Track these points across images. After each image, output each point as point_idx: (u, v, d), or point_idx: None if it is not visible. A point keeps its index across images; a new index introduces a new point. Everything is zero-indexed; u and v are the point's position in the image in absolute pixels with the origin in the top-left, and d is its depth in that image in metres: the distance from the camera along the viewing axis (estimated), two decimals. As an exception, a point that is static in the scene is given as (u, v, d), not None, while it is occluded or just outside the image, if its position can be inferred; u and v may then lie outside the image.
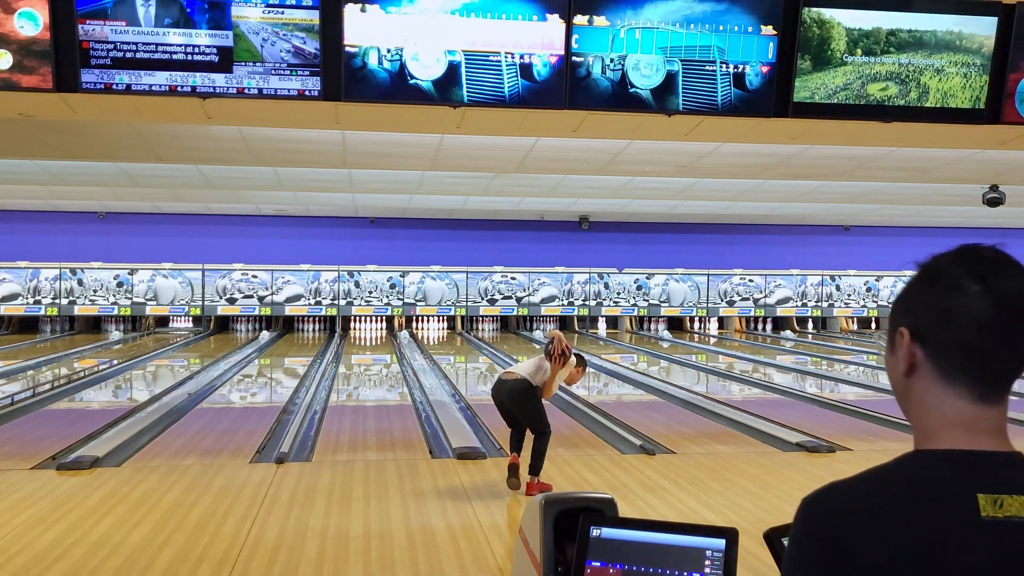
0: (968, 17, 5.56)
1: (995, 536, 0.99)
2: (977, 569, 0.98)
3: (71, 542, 4.46)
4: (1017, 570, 0.98)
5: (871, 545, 0.99)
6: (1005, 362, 1.05)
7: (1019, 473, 1.03)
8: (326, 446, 7.03)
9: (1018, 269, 1.07)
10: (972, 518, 0.99)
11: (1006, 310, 1.04)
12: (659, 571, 1.82)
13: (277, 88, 5.09)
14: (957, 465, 1.03)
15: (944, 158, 9.81)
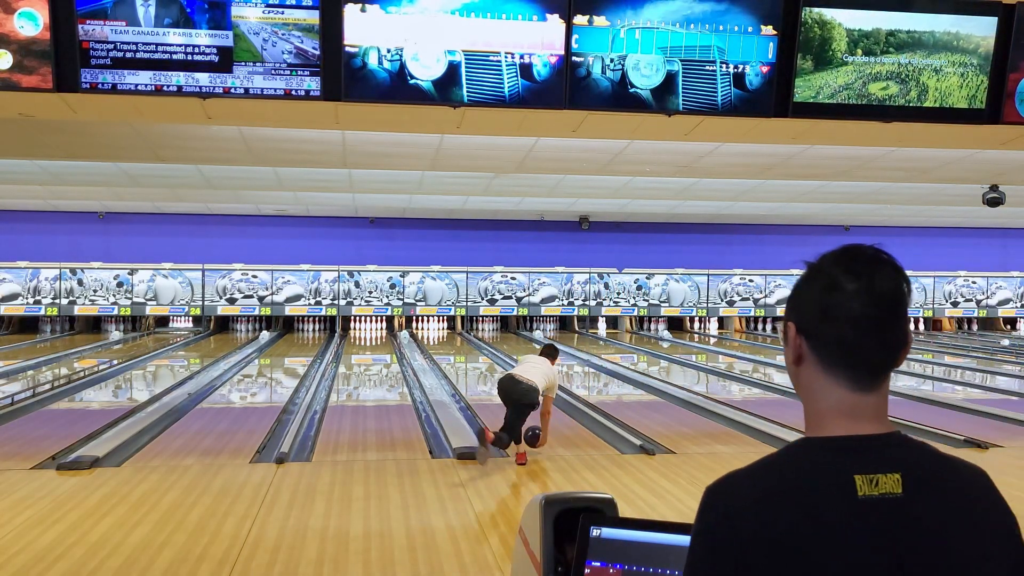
0: (968, 17, 5.56)
1: (870, 513, 1.09)
2: (854, 546, 1.08)
3: (71, 542, 4.46)
4: (891, 542, 1.08)
5: (761, 532, 1.09)
6: (879, 354, 1.16)
7: (894, 452, 1.13)
8: (326, 446, 7.03)
9: (893, 268, 1.22)
10: (850, 499, 1.09)
11: (879, 307, 1.16)
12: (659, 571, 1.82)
13: (277, 88, 5.09)
14: (837, 450, 1.14)
15: (944, 158, 9.81)
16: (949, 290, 21.53)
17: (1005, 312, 21.87)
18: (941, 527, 1.11)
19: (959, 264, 21.59)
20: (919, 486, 1.12)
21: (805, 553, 1.08)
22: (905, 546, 1.09)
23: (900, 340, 1.19)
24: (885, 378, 1.18)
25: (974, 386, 11.48)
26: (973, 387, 11.42)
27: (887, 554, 1.09)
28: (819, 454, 1.15)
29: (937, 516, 1.11)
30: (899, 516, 1.10)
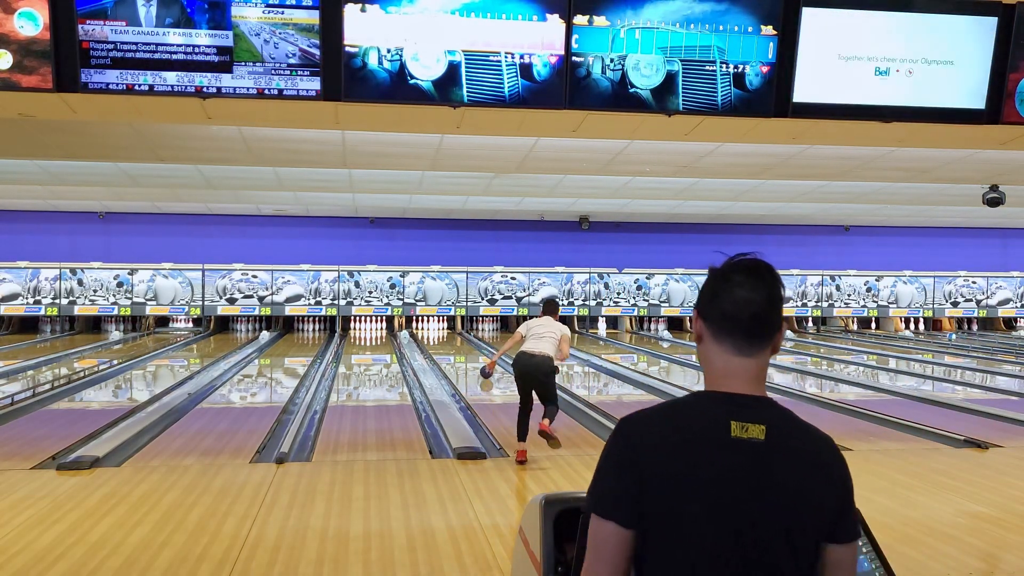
0: (968, 17, 5.56)
1: (739, 449, 1.46)
2: (725, 472, 1.46)
3: (71, 542, 4.46)
4: (750, 473, 1.46)
5: (655, 460, 1.47)
6: (754, 327, 1.52)
7: (764, 411, 1.50)
8: (326, 446, 7.03)
9: (770, 271, 1.56)
10: (725, 437, 1.47)
11: (756, 292, 1.53)
12: (659, 571, 1.81)
13: (277, 88, 5.09)
14: (721, 402, 1.51)
15: (944, 158, 9.81)
16: (949, 290, 21.54)
17: (1005, 312, 21.87)
18: (789, 468, 1.47)
19: (959, 264, 21.60)
20: (778, 437, 1.48)
21: (686, 473, 1.46)
22: (760, 477, 1.46)
23: (773, 322, 1.54)
24: (762, 350, 1.53)
25: (974, 386, 11.48)
26: (973, 387, 11.42)
27: (745, 482, 1.46)
28: (707, 403, 1.52)
29: (787, 460, 1.48)
30: (759, 455, 1.46)
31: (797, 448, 1.50)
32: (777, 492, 1.46)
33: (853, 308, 21.20)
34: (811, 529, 1.48)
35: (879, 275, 21.28)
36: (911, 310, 21.49)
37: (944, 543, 4.53)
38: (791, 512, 1.47)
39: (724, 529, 1.45)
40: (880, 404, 9.32)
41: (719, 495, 1.45)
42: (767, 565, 1.46)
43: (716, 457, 1.46)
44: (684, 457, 1.47)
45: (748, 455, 1.46)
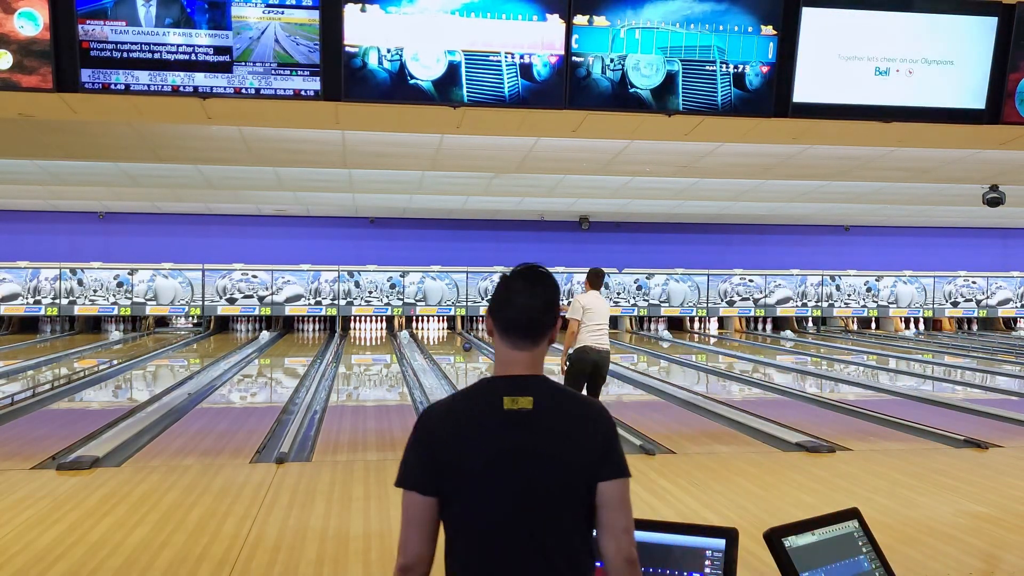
0: (968, 17, 5.56)
1: (510, 418, 1.80)
2: (497, 437, 1.79)
3: (71, 542, 4.46)
4: (520, 435, 1.79)
5: (444, 436, 1.82)
6: (525, 328, 1.88)
7: (531, 386, 1.84)
8: (326, 446, 7.02)
9: (547, 279, 1.96)
10: (499, 409, 1.80)
11: (532, 298, 1.89)
12: (659, 571, 1.82)
13: (277, 88, 5.09)
14: (499, 382, 1.85)
15: (944, 158, 9.81)
16: (949, 290, 21.54)
17: (1005, 312, 21.87)
18: (553, 427, 1.82)
19: (959, 264, 21.60)
20: (543, 405, 1.82)
21: (469, 442, 1.80)
22: (529, 438, 1.79)
23: (547, 323, 1.91)
24: (537, 345, 1.89)
25: (974, 386, 11.48)
26: (973, 387, 11.42)
27: (518, 443, 1.79)
28: (488, 385, 1.87)
29: (551, 421, 1.82)
30: (528, 421, 1.80)
31: (560, 411, 1.85)
32: (545, 447, 1.79)
33: (853, 308, 21.19)
34: (578, 473, 1.80)
35: (879, 275, 21.28)
36: (911, 310, 21.49)
37: (944, 543, 4.53)
38: (558, 462, 1.80)
39: (504, 483, 1.77)
40: (880, 404, 9.31)
41: (496, 457, 1.78)
42: (544, 509, 1.77)
43: (491, 426, 1.80)
44: (466, 430, 1.81)
45: (518, 422, 1.79)
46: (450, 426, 1.83)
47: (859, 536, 1.86)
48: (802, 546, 1.77)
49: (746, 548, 1.98)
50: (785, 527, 1.78)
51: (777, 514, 4.91)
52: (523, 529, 1.77)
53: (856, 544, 1.85)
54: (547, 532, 1.77)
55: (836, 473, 6.11)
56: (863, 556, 1.85)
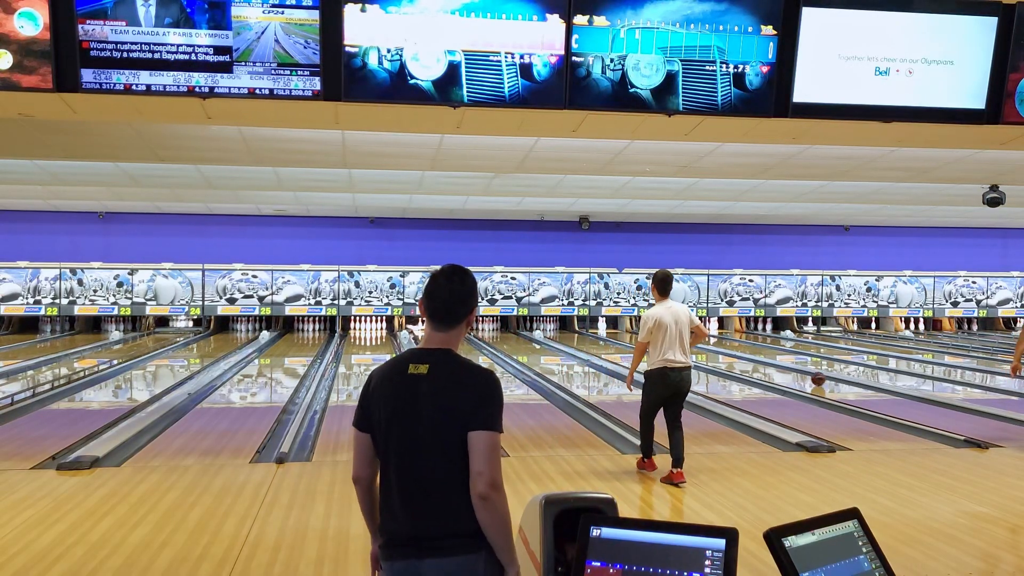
0: (968, 17, 5.56)
1: (409, 379, 2.31)
2: (399, 394, 2.31)
3: (71, 542, 4.46)
4: (415, 392, 2.30)
5: (373, 389, 2.36)
6: (445, 315, 2.38)
7: (433, 357, 2.34)
8: (326, 446, 7.02)
9: (458, 275, 2.49)
10: (404, 373, 2.33)
11: (448, 289, 2.42)
12: (659, 571, 1.82)
13: (277, 88, 5.09)
14: (413, 353, 2.37)
15: (944, 158, 9.81)
16: (949, 290, 21.54)
17: (1005, 312, 21.88)
18: (438, 387, 2.29)
19: (959, 264, 21.60)
20: (436, 370, 2.31)
21: (381, 394, 2.34)
22: (419, 395, 2.29)
23: (459, 311, 2.39)
24: (448, 327, 2.37)
25: (974, 386, 11.48)
26: (973, 387, 11.42)
27: (410, 398, 2.29)
28: (407, 355, 2.38)
29: (438, 383, 2.29)
30: (422, 381, 2.30)
31: (447, 375, 2.31)
32: (429, 402, 2.28)
33: (853, 308, 21.20)
34: (453, 424, 2.25)
35: (879, 275, 21.28)
36: (911, 310, 21.50)
37: (944, 543, 4.53)
38: (438, 414, 2.26)
39: (397, 429, 2.30)
40: (880, 404, 9.32)
41: (395, 407, 2.31)
42: (422, 452, 2.27)
43: (397, 384, 2.33)
44: (382, 386, 2.35)
45: (414, 381, 2.31)
46: (376, 382, 2.38)
47: (859, 536, 1.86)
48: (802, 546, 1.77)
49: (746, 548, 1.98)
50: (785, 527, 1.77)
51: (777, 514, 4.91)
52: (408, 467, 2.29)
53: (856, 544, 1.85)
54: (425, 472, 2.27)
55: (836, 473, 6.11)
56: (863, 556, 1.85)
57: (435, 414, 2.27)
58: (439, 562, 2.25)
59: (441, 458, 2.26)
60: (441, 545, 2.25)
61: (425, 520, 2.27)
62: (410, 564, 2.27)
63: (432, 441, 2.27)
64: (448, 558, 2.25)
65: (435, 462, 2.27)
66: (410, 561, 2.27)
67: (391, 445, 2.31)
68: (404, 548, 2.29)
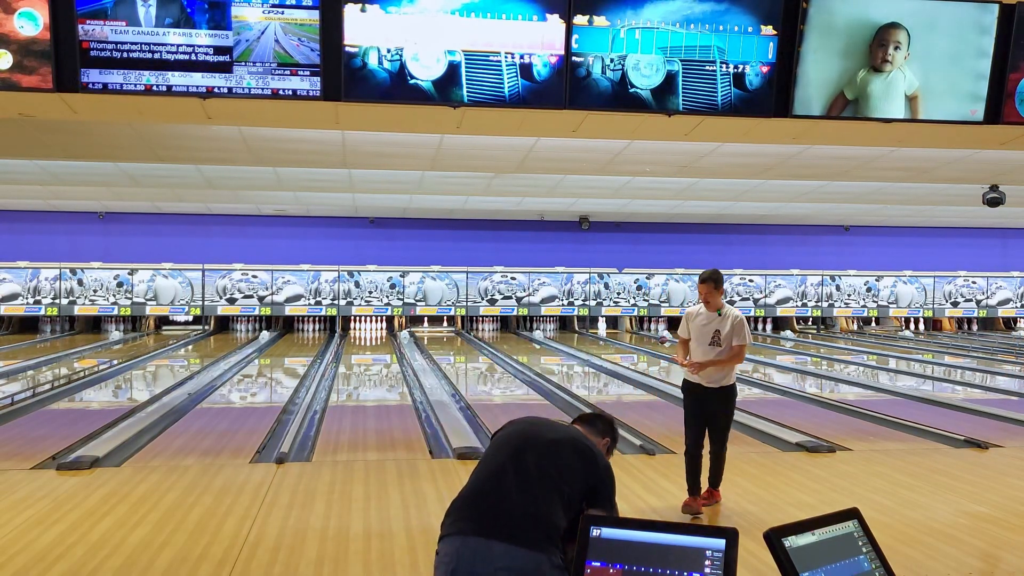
0: (968, 16, 5.56)
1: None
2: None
3: (71, 542, 4.46)
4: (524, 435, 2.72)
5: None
6: None
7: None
8: (326, 446, 7.02)
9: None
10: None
11: None
12: (659, 571, 1.82)
13: (277, 88, 5.09)
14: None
15: (944, 158, 9.81)
16: (949, 290, 21.54)
17: (1005, 312, 21.88)
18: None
19: (959, 264, 21.60)
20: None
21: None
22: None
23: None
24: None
25: (974, 386, 11.48)
26: (973, 387, 11.42)
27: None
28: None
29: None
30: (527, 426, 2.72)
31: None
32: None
33: (853, 308, 21.20)
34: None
35: (879, 275, 21.28)
36: (911, 310, 21.50)
37: (944, 543, 4.53)
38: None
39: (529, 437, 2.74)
40: (880, 404, 9.31)
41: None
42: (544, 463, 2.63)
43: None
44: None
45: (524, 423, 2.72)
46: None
47: (859, 536, 1.86)
48: (802, 546, 1.77)
49: (746, 548, 1.98)
50: (785, 527, 1.77)
51: (777, 514, 4.91)
52: (523, 458, 2.65)
53: (856, 544, 1.85)
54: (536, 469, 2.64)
55: (836, 473, 6.11)
56: (863, 556, 1.85)
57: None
58: (510, 548, 2.39)
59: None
60: (521, 534, 2.42)
61: (518, 501, 2.49)
62: (480, 542, 2.43)
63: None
64: (522, 548, 2.39)
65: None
66: (480, 539, 2.43)
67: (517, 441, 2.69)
68: (480, 525, 2.48)
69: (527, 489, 2.50)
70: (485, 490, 2.56)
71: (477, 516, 2.49)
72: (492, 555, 2.38)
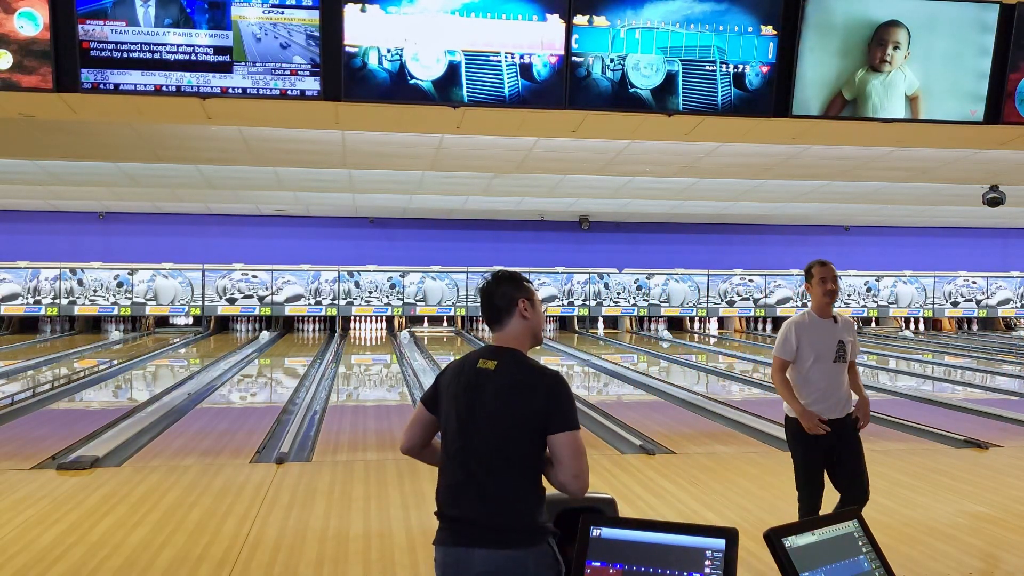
0: (968, 16, 5.56)
1: (478, 372, 2.42)
2: (470, 385, 2.42)
3: (71, 542, 4.46)
4: (483, 386, 2.40)
5: (444, 378, 2.53)
6: (485, 314, 2.53)
7: (500, 355, 2.44)
8: (326, 446, 7.03)
9: (496, 280, 2.52)
10: (474, 367, 2.44)
11: (487, 294, 2.52)
12: (659, 571, 1.81)
13: (277, 88, 5.09)
14: (482, 350, 2.49)
15: (944, 158, 9.81)
16: (949, 290, 21.54)
17: (1005, 312, 21.88)
18: (505, 386, 2.38)
19: (959, 264, 21.60)
20: (502, 368, 2.41)
21: (452, 385, 2.47)
22: (487, 391, 2.39)
23: (500, 308, 2.50)
24: (500, 326, 2.50)
25: (974, 386, 11.48)
26: (973, 387, 11.42)
27: (478, 392, 2.40)
28: (477, 351, 2.51)
29: (506, 381, 2.38)
30: (490, 376, 2.41)
31: (515, 373, 2.40)
32: (497, 400, 2.36)
33: (853, 308, 21.20)
34: (523, 423, 2.33)
35: (879, 275, 21.28)
36: (911, 310, 21.50)
37: (944, 543, 4.53)
38: (506, 412, 2.35)
39: (464, 418, 2.40)
40: (880, 404, 9.31)
41: (464, 399, 2.42)
42: (484, 448, 2.36)
43: (466, 376, 2.44)
44: (454, 376, 2.48)
45: (483, 377, 2.41)
46: (449, 372, 2.53)
47: (859, 536, 1.86)
48: (802, 546, 1.77)
49: (746, 548, 1.98)
50: (785, 527, 1.78)
51: (777, 514, 4.91)
52: (468, 459, 2.38)
53: (856, 544, 1.85)
54: (484, 466, 2.35)
55: (836, 473, 6.10)
56: (863, 556, 1.85)
57: (504, 410, 2.36)
58: (489, 553, 2.30)
59: (500, 459, 2.35)
60: (493, 537, 2.31)
61: (481, 510, 2.34)
62: (460, 551, 2.34)
63: (497, 435, 2.35)
64: (499, 551, 2.30)
65: (493, 462, 2.35)
66: (460, 549, 2.34)
67: (450, 436, 2.43)
68: (456, 536, 2.37)
69: (487, 493, 2.35)
70: (451, 500, 2.42)
71: (452, 526, 2.40)
72: (472, 562, 2.33)
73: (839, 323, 4.28)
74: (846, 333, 4.25)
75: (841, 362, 4.18)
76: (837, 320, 4.30)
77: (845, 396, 4.17)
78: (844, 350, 4.19)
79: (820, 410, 4.08)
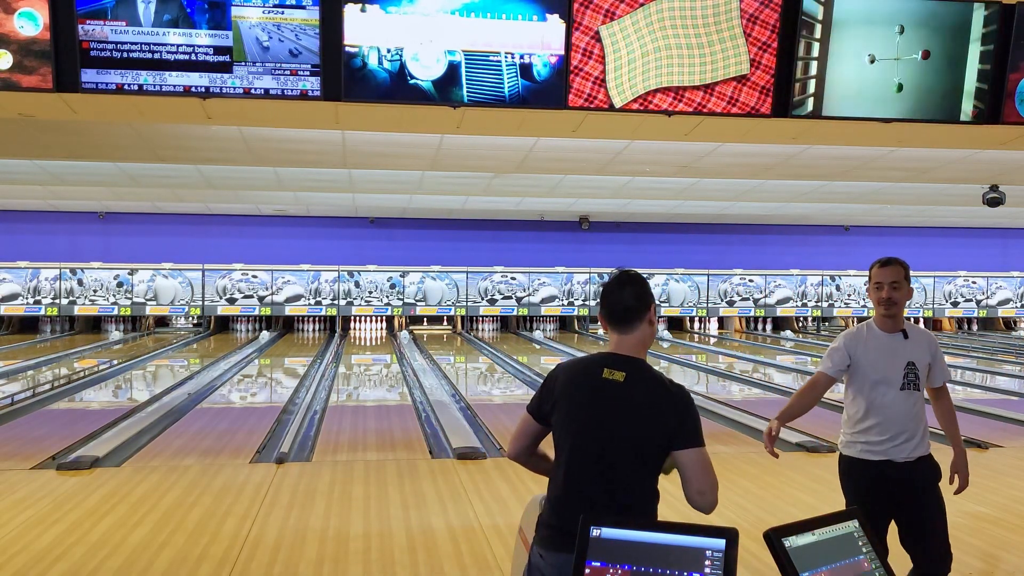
0: (967, 16, 5.55)
1: (605, 383, 2.33)
2: (594, 397, 2.34)
3: (71, 542, 4.46)
4: (612, 399, 2.31)
5: (559, 386, 2.41)
6: (623, 318, 2.39)
7: (627, 365, 2.34)
8: (326, 446, 7.03)
9: (626, 278, 2.41)
10: (599, 376, 2.35)
11: (613, 294, 2.40)
12: (659, 571, 1.81)
13: (277, 88, 5.09)
14: (604, 357, 2.39)
15: (944, 158, 9.81)
16: (949, 290, 21.54)
17: (1005, 312, 21.88)
18: (637, 399, 2.31)
19: (959, 264, 21.60)
20: (633, 380, 2.32)
21: (572, 395, 2.38)
22: (616, 403, 2.31)
23: (637, 311, 2.39)
24: (629, 329, 2.39)
25: (974, 386, 11.48)
26: (973, 387, 11.42)
27: (606, 405, 2.32)
28: (599, 358, 2.40)
29: (636, 394, 2.31)
30: (618, 390, 2.32)
31: (645, 388, 2.32)
32: (628, 415, 2.31)
33: (853, 308, 21.20)
34: (653, 439, 2.30)
35: (879, 275, 21.24)
36: (911, 310, 21.49)
37: (944, 543, 4.52)
38: (636, 427, 2.30)
39: (590, 433, 2.33)
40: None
41: (589, 411, 2.34)
42: (613, 460, 2.30)
43: (590, 387, 2.35)
44: (573, 386, 2.39)
45: (610, 388, 2.32)
46: (565, 379, 2.41)
47: (859, 536, 1.86)
48: (802, 546, 1.77)
49: (746, 548, 1.98)
50: (785, 527, 1.78)
51: (777, 514, 4.91)
52: (596, 470, 2.31)
53: (856, 544, 1.85)
54: (613, 480, 2.31)
55: (836, 473, 6.10)
56: (863, 556, 1.85)
57: (633, 426, 2.30)
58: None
59: (628, 472, 2.32)
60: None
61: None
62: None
63: (625, 451, 2.30)
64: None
65: (621, 475, 2.31)
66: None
67: (577, 447, 2.33)
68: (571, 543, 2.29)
69: (615, 504, 2.33)
70: (570, 511, 2.23)
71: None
72: None
73: (910, 338, 3.32)
74: (921, 352, 3.31)
75: (912, 389, 3.29)
76: (908, 335, 3.32)
77: (918, 434, 3.39)
78: (916, 374, 3.28)
79: (880, 451, 3.33)
